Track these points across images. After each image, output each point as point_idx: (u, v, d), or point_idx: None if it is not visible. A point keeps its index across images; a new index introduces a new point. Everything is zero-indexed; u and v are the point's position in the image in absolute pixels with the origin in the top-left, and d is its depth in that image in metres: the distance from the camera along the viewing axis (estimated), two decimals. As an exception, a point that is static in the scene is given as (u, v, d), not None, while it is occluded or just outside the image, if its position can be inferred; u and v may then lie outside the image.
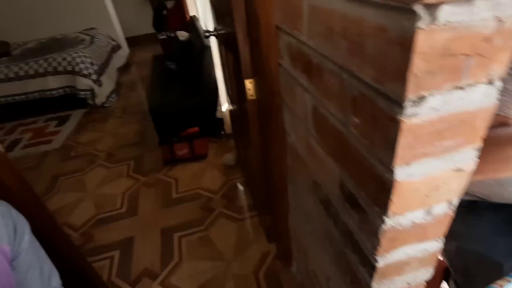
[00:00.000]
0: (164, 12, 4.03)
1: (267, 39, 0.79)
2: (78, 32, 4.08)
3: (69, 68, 3.15)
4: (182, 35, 2.82)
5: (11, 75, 3.11)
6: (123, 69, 4.45)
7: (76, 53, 3.27)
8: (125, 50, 4.60)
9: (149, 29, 5.89)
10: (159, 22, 4.04)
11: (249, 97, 1.05)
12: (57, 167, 2.46)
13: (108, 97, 3.40)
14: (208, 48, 2.14)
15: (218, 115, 2.40)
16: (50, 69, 3.13)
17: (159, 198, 1.99)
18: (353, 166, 0.49)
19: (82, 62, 3.20)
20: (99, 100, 3.30)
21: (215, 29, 1.61)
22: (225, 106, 2.27)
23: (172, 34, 3.91)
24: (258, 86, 1.00)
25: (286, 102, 0.86)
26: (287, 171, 1.06)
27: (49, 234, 1.10)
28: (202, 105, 2.33)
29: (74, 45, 3.64)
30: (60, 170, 2.41)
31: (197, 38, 2.44)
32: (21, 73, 3.12)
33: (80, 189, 2.17)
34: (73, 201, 2.06)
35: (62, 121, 3.17)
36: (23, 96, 3.20)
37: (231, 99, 1.82)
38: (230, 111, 2.05)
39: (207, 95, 2.31)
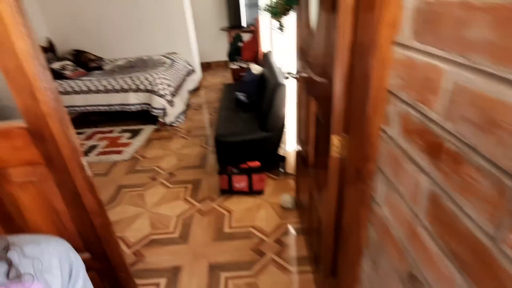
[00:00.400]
0: (240, 43, 4.25)
1: (374, 102, 0.72)
2: (162, 55, 4.50)
3: (149, 87, 3.43)
4: (256, 68, 2.91)
5: (101, 87, 3.49)
6: (194, 91, 4.74)
7: (157, 74, 3.58)
8: (198, 75, 4.92)
9: (221, 56, 6.30)
10: (234, 52, 4.26)
11: (333, 153, 0.97)
12: (123, 178, 2.62)
13: (177, 117, 3.61)
14: (282, 86, 2.15)
15: (280, 152, 2.35)
16: (133, 86, 3.46)
17: (211, 228, 1.96)
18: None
19: (161, 83, 3.47)
20: (168, 119, 3.52)
21: (298, 72, 1.60)
22: (290, 145, 2.22)
23: (244, 65, 4.08)
24: (347, 145, 0.92)
25: (383, 172, 0.76)
26: (365, 243, 0.94)
27: (105, 247, 1.11)
28: (266, 140, 2.31)
29: (156, 66, 4.00)
30: (125, 181, 2.55)
31: (271, 73, 2.47)
32: (109, 87, 3.49)
33: (139, 204, 2.25)
34: (131, 216, 2.14)
35: (134, 134, 3.42)
36: (106, 107, 3.56)
37: (301, 142, 1.76)
38: (297, 153, 1.99)
39: (273, 131, 2.29)
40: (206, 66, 6.25)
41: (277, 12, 0.97)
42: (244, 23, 5.26)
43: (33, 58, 0.71)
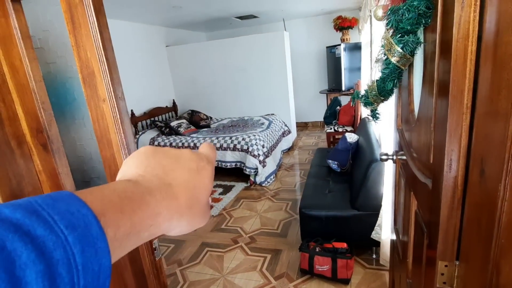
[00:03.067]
0: (338, 107, 4.18)
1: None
2: (261, 116, 4.81)
3: (245, 147, 3.63)
4: (351, 137, 2.74)
5: (204, 144, 3.89)
6: (287, 151, 4.80)
7: (254, 135, 3.78)
8: (293, 135, 5.01)
9: (318, 117, 6.34)
10: (331, 115, 4.20)
11: (440, 285, 0.72)
12: (208, 234, 2.69)
13: (267, 177, 3.65)
14: (378, 162, 1.92)
15: (375, 236, 2.02)
16: (231, 145, 3.72)
17: (284, 316, 1.74)
18: None
19: (256, 144, 3.63)
20: (259, 179, 3.59)
21: (396, 153, 1.39)
22: (386, 231, 1.89)
23: (340, 129, 3.94)
24: (461, 276, 0.67)
25: None
26: None
27: None
28: (357, 219, 2.04)
29: (255, 127, 4.27)
30: (209, 239, 2.61)
31: (368, 144, 2.27)
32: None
33: (217, 267, 2.23)
34: (207, 279, 2.12)
35: (226, 190, 3.58)
36: (206, 162, 3.91)
37: (397, 233, 1.46)
38: (393, 243, 1.66)
39: (366, 210, 2.01)
40: (303, 126, 6.37)
41: (369, 103, 0.86)
42: (343, 86, 5.24)
43: (123, 149, 0.79)
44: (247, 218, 2.92)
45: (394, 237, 1.61)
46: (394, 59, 0.73)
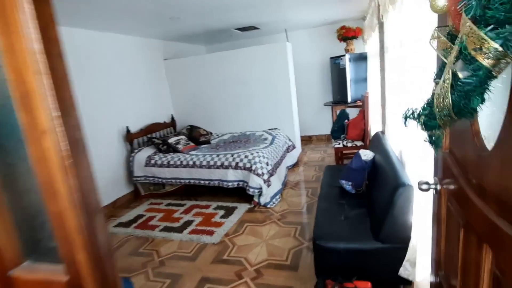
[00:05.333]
0: (346, 121, 3.94)
1: None
2: (264, 131, 4.57)
3: (248, 165, 3.36)
4: (366, 154, 2.47)
5: (204, 163, 3.62)
6: (292, 167, 4.53)
7: (257, 152, 3.52)
8: (297, 150, 4.75)
9: (322, 130, 6.10)
10: (338, 129, 3.95)
11: None
12: (208, 267, 2.39)
13: (272, 197, 3.36)
14: (407, 188, 1.64)
15: (404, 273, 1.72)
16: (233, 163, 3.46)
17: None
18: None
19: (259, 162, 3.37)
20: (263, 200, 3.30)
21: (441, 181, 1.12)
22: (421, 271, 1.59)
23: (350, 144, 3.68)
24: None
25: None
26: None
27: None
28: (381, 253, 1.76)
29: (258, 143, 4.02)
30: (210, 273, 2.31)
31: (389, 165, 2.00)
32: (211, 162, 3.58)
33: (219, 310, 1.93)
34: (208, 326, 1.81)
35: (228, 212, 3.29)
36: (206, 182, 3.63)
37: (446, 279, 1.18)
38: (432, 284, 1.37)
39: (392, 243, 1.73)
40: (307, 140, 6.11)
41: (433, 126, 0.60)
42: (349, 98, 5.01)
43: (77, 205, 0.52)
44: (252, 246, 2.62)
45: (435, 279, 1.33)
46: (487, 62, 0.48)
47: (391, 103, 2.65)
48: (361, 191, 2.45)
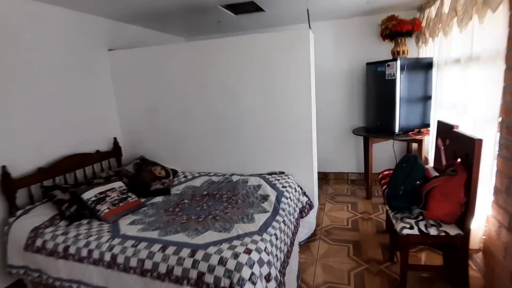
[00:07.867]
0: (418, 180, 2.10)
1: None
2: (261, 176, 2.70)
3: (227, 281, 1.49)
4: None
5: (134, 262, 1.71)
6: (305, 242, 2.69)
7: (250, 237, 1.67)
8: (315, 209, 2.88)
9: (342, 167, 4.27)
10: (406, 196, 2.11)
11: None
12: None
13: None
14: None
15: None
16: (194, 273, 1.57)
17: None
18: None
19: (253, 275, 1.50)
20: None
21: None
22: None
23: (433, 231, 1.83)
24: None
25: None
26: None
27: None
28: None
29: (250, 205, 2.18)
30: None
31: None
32: (150, 262, 1.69)
33: None
34: None
35: None
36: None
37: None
38: None
39: None
40: (321, 178, 4.27)
41: None
42: (397, 127, 3.22)
43: None
44: None
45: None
46: None
47: None
48: None
